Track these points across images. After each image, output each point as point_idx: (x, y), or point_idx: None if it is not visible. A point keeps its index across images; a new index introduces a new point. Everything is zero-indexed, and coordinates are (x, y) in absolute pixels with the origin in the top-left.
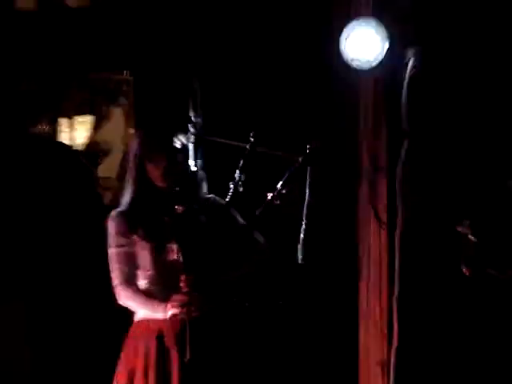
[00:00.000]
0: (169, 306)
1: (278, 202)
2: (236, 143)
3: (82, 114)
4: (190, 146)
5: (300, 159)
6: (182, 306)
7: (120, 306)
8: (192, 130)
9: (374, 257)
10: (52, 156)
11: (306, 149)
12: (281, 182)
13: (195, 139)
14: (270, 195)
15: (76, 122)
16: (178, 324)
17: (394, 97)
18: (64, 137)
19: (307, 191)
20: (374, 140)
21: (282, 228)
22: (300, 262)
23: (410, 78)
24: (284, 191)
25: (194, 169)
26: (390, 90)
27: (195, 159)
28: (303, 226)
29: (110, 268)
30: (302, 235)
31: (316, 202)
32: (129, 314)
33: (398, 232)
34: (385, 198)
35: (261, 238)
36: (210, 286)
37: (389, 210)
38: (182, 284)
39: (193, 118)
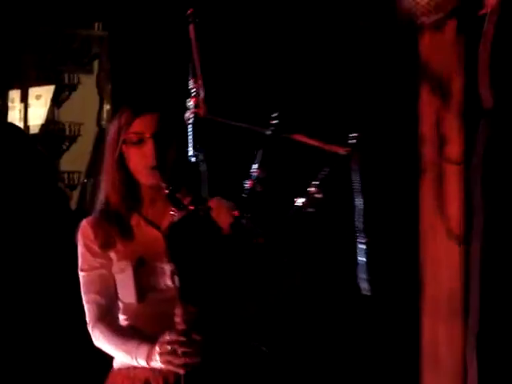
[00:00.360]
0: (155, 350)
1: (311, 210)
2: (253, 127)
3: (40, 84)
4: (189, 129)
5: (343, 152)
6: (173, 351)
7: (98, 348)
8: (191, 105)
9: (442, 281)
10: None
11: (351, 138)
12: (315, 183)
13: (195, 119)
14: (299, 200)
15: (31, 96)
16: (172, 376)
17: (471, 55)
18: (14, 116)
19: (355, 197)
20: (440, 123)
21: (316, 245)
22: (365, 292)
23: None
24: (319, 195)
25: (193, 160)
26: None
27: (195, 147)
28: (360, 245)
29: (83, 298)
30: (361, 257)
31: (366, 211)
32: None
33: (474, 247)
34: (457, 202)
35: (285, 258)
36: (215, 322)
37: (462, 217)
38: (176, 319)
39: (192, 90)
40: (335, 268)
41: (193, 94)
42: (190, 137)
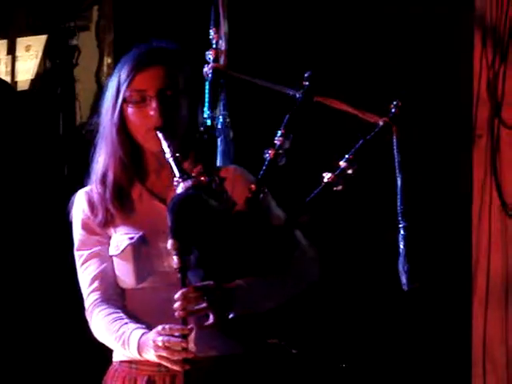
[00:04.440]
0: (149, 342)
1: (341, 188)
2: (280, 88)
3: (29, 33)
4: (206, 86)
5: (382, 122)
6: (169, 345)
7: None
8: (210, 58)
9: (496, 265)
10: None
11: (392, 107)
12: (347, 157)
13: (214, 74)
14: (327, 175)
15: (19, 47)
16: (181, 374)
17: None
18: (0, 70)
19: (397, 173)
20: (497, 83)
21: (343, 228)
22: (406, 287)
23: None
24: (351, 171)
25: (209, 122)
26: None
27: (212, 107)
28: (402, 232)
29: (80, 281)
30: (402, 246)
31: (408, 191)
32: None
33: None
34: None
35: (307, 246)
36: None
37: None
38: (175, 306)
39: (213, 41)
40: (367, 257)
41: (213, 46)
42: (207, 95)
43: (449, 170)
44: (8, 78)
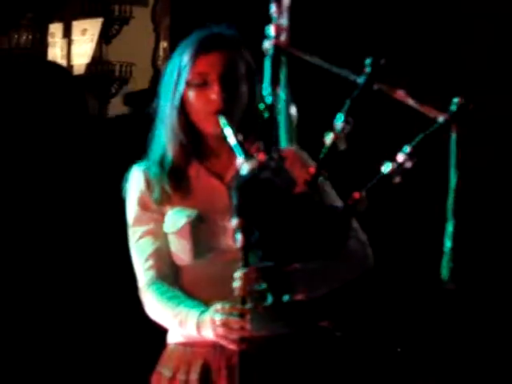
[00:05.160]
0: (207, 319)
1: (399, 180)
2: (341, 71)
3: (85, 16)
4: (267, 63)
5: (443, 118)
6: (227, 323)
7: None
8: (271, 34)
9: None
10: (35, 84)
11: (453, 104)
12: (407, 149)
13: (275, 51)
14: (386, 167)
15: (75, 30)
16: (236, 356)
17: None
18: (56, 53)
19: (452, 168)
20: None
21: (399, 220)
22: (446, 285)
23: None
24: (410, 164)
25: (269, 100)
26: None
27: (273, 83)
28: (450, 228)
29: (133, 259)
30: (448, 244)
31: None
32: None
33: None
34: None
35: (361, 234)
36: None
37: None
38: (235, 285)
39: (274, 15)
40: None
41: (274, 21)
42: (268, 73)
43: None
44: (64, 62)
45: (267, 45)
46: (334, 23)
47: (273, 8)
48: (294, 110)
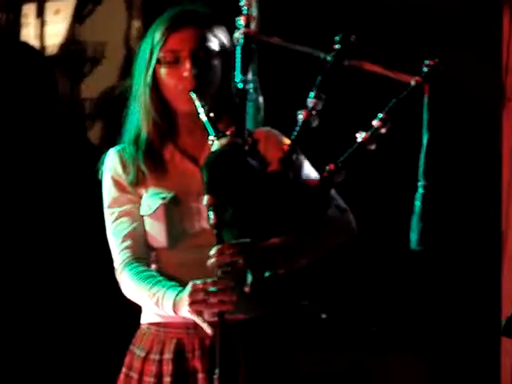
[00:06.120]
0: (185, 297)
1: (374, 147)
2: (311, 51)
3: None
4: (238, 50)
5: (414, 82)
6: (205, 299)
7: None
8: (241, 24)
9: None
10: (7, 64)
11: (424, 66)
12: (380, 116)
13: (245, 40)
14: (360, 135)
15: (48, 11)
16: (209, 338)
17: None
18: (28, 34)
19: (424, 132)
20: None
21: (375, 189)
22: (414, 247)
23: None
24: (384, 130)
25: (240, 86)
26: None
27: (244, 71)
28: (420, 190)
29: (109, 239)
30: (418, 204)
31: (436, 151)
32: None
33: None
34: None
35: (341, 202)
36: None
37: None
38: (210, 262)
39: (244, 6)
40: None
41: (244, 12)
42: (239, 59)
43: (478, 134)
44: (37, 42)
45: (237, 35)
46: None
47: (243, 0)
48: (261, 98)
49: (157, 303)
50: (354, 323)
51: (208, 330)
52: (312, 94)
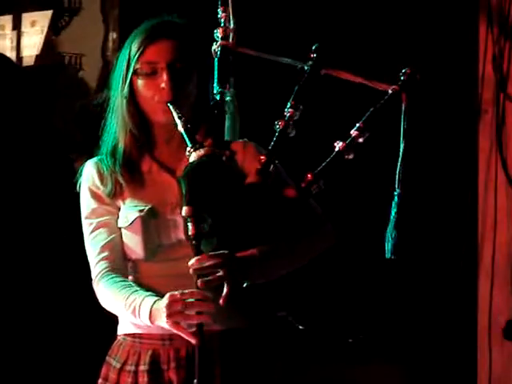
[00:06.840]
0: (162, 308)
1: (351, 157)
2: (288, 61)
3: (35, 8)
4: (216, 62)
5: (391, 90)
6: (183, 311)
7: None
8: (219, 37)
9: (503, 240)
10: None
11: (401, 75)
12: (357, 125)
13: (223, 52)
14: (338, 144)
15: (25, 22)
16: (184, 348)
17: None
18: (4, 45)
19: (402, 140)
20: (502, 59)
21: (353, 197)
22: (389, 255)
23: None
24: (361, 139)
25: (218, 97)
26: None
27: (221, 82)
28: (395, 199)
29: (87, 250)
30: (393, 213)
31: (413, 158)
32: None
33: None
34: None
35: (319, 212)
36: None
37: None
38: (190, 271)
39: (221, 20)
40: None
41: (221, 24)
42: (217, 71)
43: (454, 145)
44: (13, 54)
45: (215, 47)
46: (276, 17)
47: (220, 13)
48: (237, 108)
49: (133, 312)
50: (333, 333)
51: (192, 340)
52: (289, 104)
